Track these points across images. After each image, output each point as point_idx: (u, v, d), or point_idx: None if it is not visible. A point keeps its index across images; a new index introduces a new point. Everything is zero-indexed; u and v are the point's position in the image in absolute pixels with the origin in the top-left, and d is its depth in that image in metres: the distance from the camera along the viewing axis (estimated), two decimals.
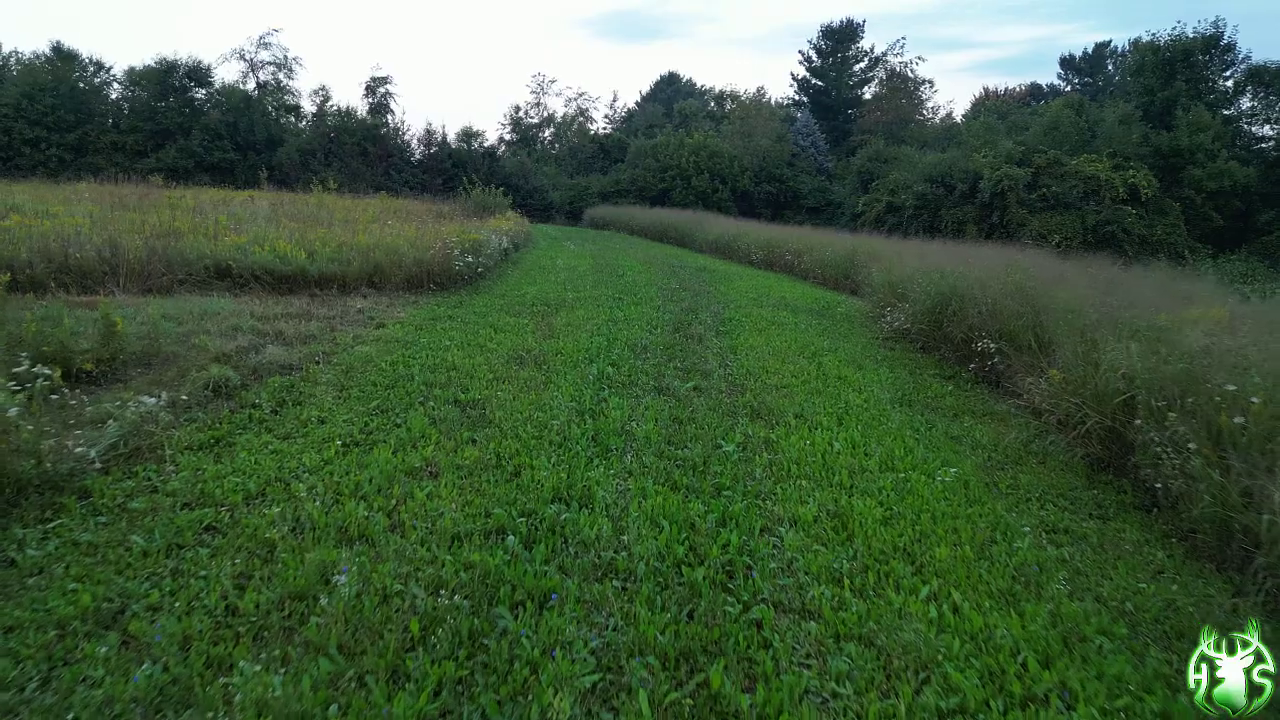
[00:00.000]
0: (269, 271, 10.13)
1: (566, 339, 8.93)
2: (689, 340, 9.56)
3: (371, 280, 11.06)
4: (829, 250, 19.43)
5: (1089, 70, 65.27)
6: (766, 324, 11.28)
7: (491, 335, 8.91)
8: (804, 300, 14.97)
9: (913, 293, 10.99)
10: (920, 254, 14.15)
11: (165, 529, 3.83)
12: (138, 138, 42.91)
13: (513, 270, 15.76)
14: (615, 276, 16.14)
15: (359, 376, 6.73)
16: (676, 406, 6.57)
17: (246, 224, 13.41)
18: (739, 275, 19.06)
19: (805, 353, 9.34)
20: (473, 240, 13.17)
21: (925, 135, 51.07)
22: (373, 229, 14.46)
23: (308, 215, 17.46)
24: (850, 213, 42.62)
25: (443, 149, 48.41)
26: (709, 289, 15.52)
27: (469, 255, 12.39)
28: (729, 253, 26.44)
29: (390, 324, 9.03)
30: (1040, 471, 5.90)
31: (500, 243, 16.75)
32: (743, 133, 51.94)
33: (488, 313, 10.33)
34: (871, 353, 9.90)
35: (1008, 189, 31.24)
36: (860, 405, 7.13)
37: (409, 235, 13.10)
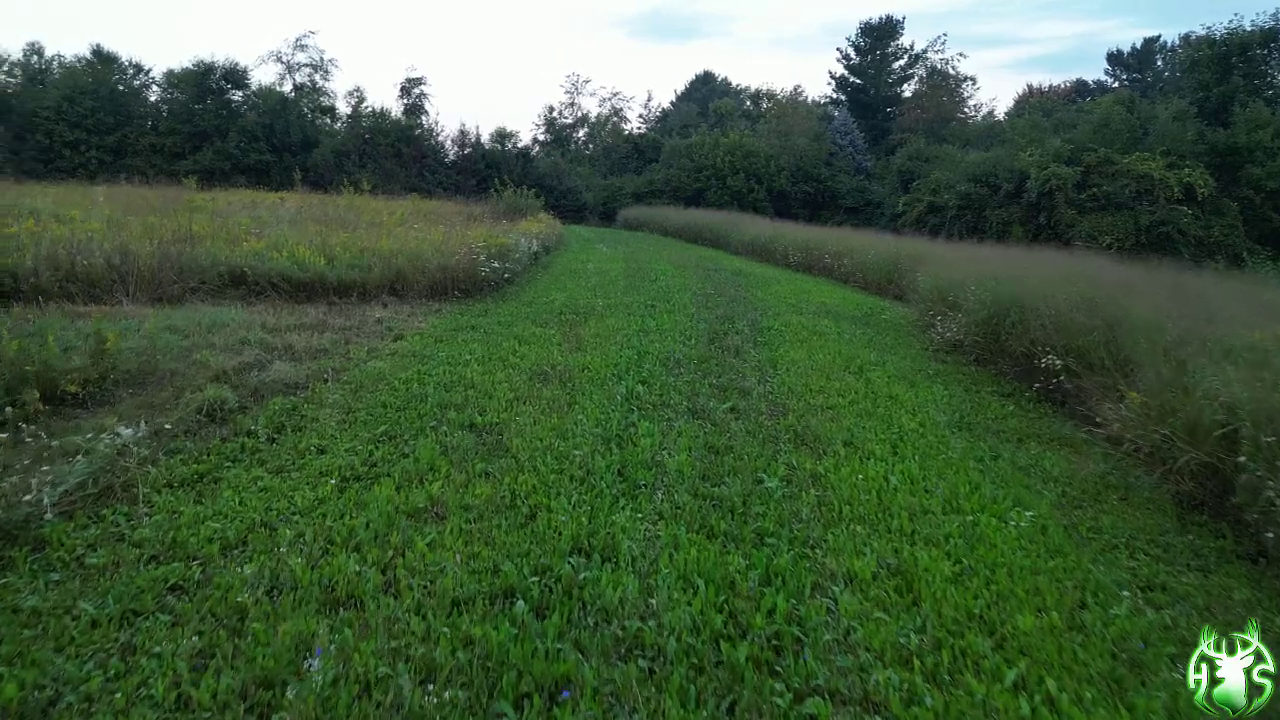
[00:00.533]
0: (286, 278, 9.70)
1: (594, 352, 8.38)
2: (725, 353, 8.95)
3: (393, 287, 10.60)
4: (870, 253, 18.68)
5: (1138, 66, 63.37)
6: (807, 334, 10.63)
7: (515, 348, 8.39)
8: (846, 306, 14.27)
9: (965, 301, 10.28)
10: (970, 258, 13.38)
11: (123, 590, 3.32)
12: (175, 140, 43.27)
13: (542, 275, 15.26)
14: (648, 281, 15.57)
15: (368, 397, 6.22)
16: (712, 432, 5.97)
17: (270, 227, 13.06)
18: (776, 279, 18.38)
19: (851, 367, 8.69)
20: (500, 245, 12.67)
21: (967, 134, 49.80)
22: (398, 233, 14.04)
23: (335, 218, 17.14)
24: (890, 213, 41.61)
25: (476, 150, 48.22)
26: (745, 294, 14.89)
27: (495, 261, 11.90)
28: (765, 255, 25.75)
29: (409, 335, 8.54)
30: (1124, 511, 5.21)
31: (530, 246, 16.26)
32: (779, 132, 51.09)
33: (513, 322, 9.81)
34: (922, 366, 9.21)
35: (1056, 188, 30.11)
36: (915, 430, 6.47)
37: (434, 240, 12.64)
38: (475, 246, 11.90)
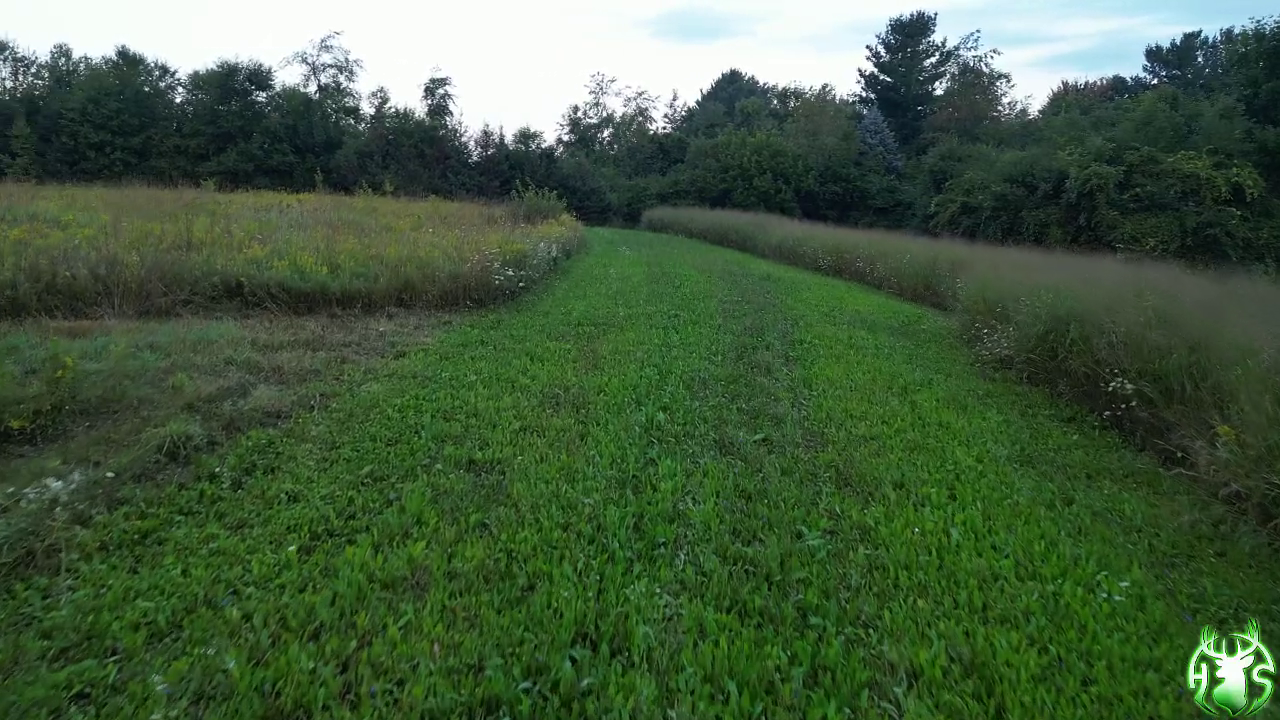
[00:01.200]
0: (286, 289, 9.10)
1: (612, 371, 7.68)
2: (755, 371, 8.22)
3: (401, 298, 9.97)
4: (905, 257, 17.82)
5: (1177, 63, 61.60)
6: (843, 347, 9.87)
7: (526, 366, 7.71)
8: (882, 315, 13.47)
9: (1017, 314, 9.46)
10: (1015, 264, 12.51)
11: (12, 702, 2.67)
12: (199, 141, 43.20)
13: (561, 281, 14.59)
14: (672, 288, 14.86)
15: (357, 428, 5.56)
16: (743, 471, 5.25)
17: (278, 232, 12.50)
18: (806, 284, 17.59)
19: (893, 387, 7.92)
20: (516, 251, 12.01)
21: (1001, 133, 48.54)
22: (412, 237, 13.45)
23: (349, 221, 16.61)
24: (922, 213, 40.54)
25: (500, 150, 47.76)
26: (774, 301, 14.14)
27: (510, 269, 11.24)
28: (794, 258, 24.95)
29: (412, 353, 7.89)
30: (1225, 572, 4.43)
31: (549, 251, 15.62)
32: (807, 131, 50.16)
33: (526, 336, 9.14)
34: (972, 386, 8.41)
35: (1097, 189, 28.96)
36: (973, 467, 5.70)
37: (447, 245, 12.02)
38: (489, 254, 11.25)
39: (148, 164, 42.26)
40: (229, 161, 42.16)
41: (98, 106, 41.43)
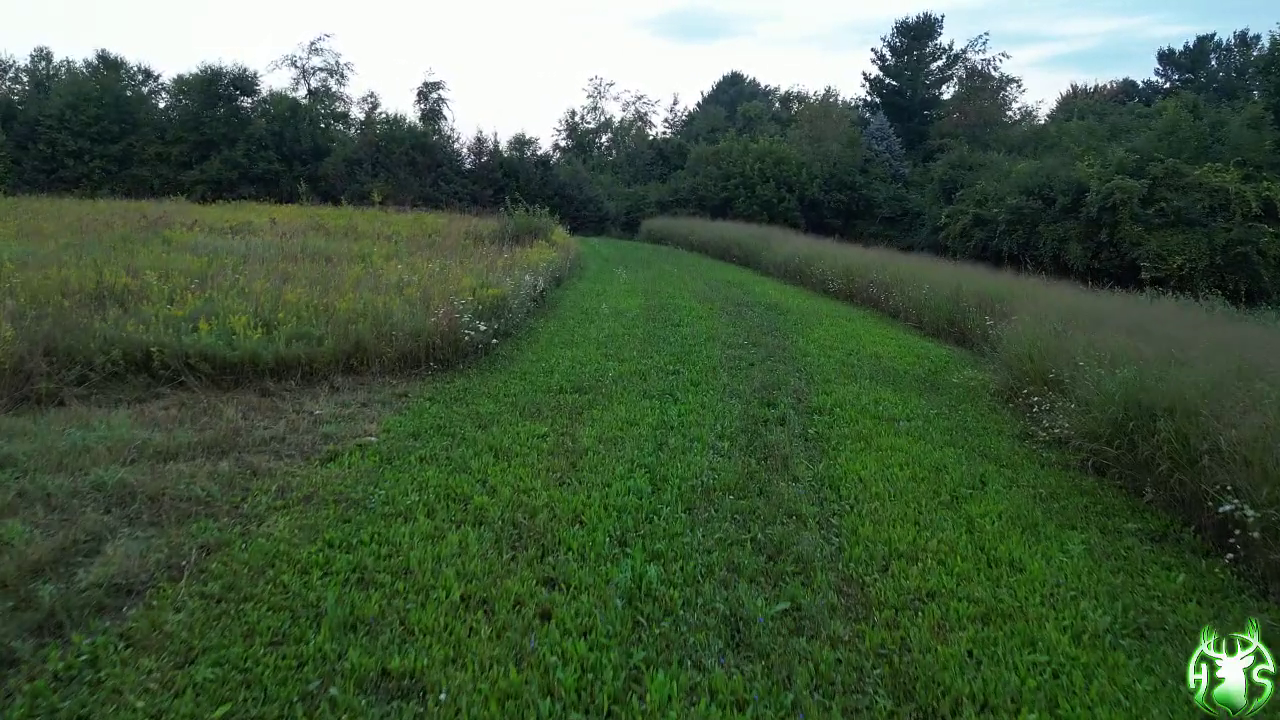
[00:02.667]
0: (209, 358, 7.60)
1: (594, 478, 6.16)
2: (770, 467, 6.73)
3: (350, 363, 8.47)
4: (924, 287, 16.30)
5: (1190, 66, 60.08)
6: (870, 420, 8.39)
7: (487, 470, 6.20)
8: (904, 361, 11.98)
9: (1077, 385, 7.97)
10: (1066, 310, 10.93)
11: None
12: (182, 149, 41.70)
13: (546, 323, 13.04)
14: (670, 327, 13.38)
15: (231, 618, 4.00)
16: (761, 680, 3.77)
17: (223, 274, 11.01)
18: (817, 316, 16.10)
19: (940, 491, 6.43)
20: (492, 297, 10.48)
21: (1012, 139, 47.06)
22: (378, 274, 11.97)
23: (317, 251, 15.11)
24: (932, 224, 39.09)
25: (494, 158, 46.25)
26: (785, 343, 12.66)
27: (483, 322, 9.71)
28: (800, 278, 23.49)
29: (347, 452, 6.36)
30: None
31: (535, 285, 14.14)
32: (811, 137, 48.69)
33: (495, 415, 7.62)
34: (1030, 480, 6.89)
35: (1120, 203, 27.45)
36: (1074, 658, 4.19)
37: (414, 289, 10.52)
38: (460, 302, 9.74)
39: (128, 172, 40.82)
40: (212, 170, 40.65)
41: (76, 112, 39.92)
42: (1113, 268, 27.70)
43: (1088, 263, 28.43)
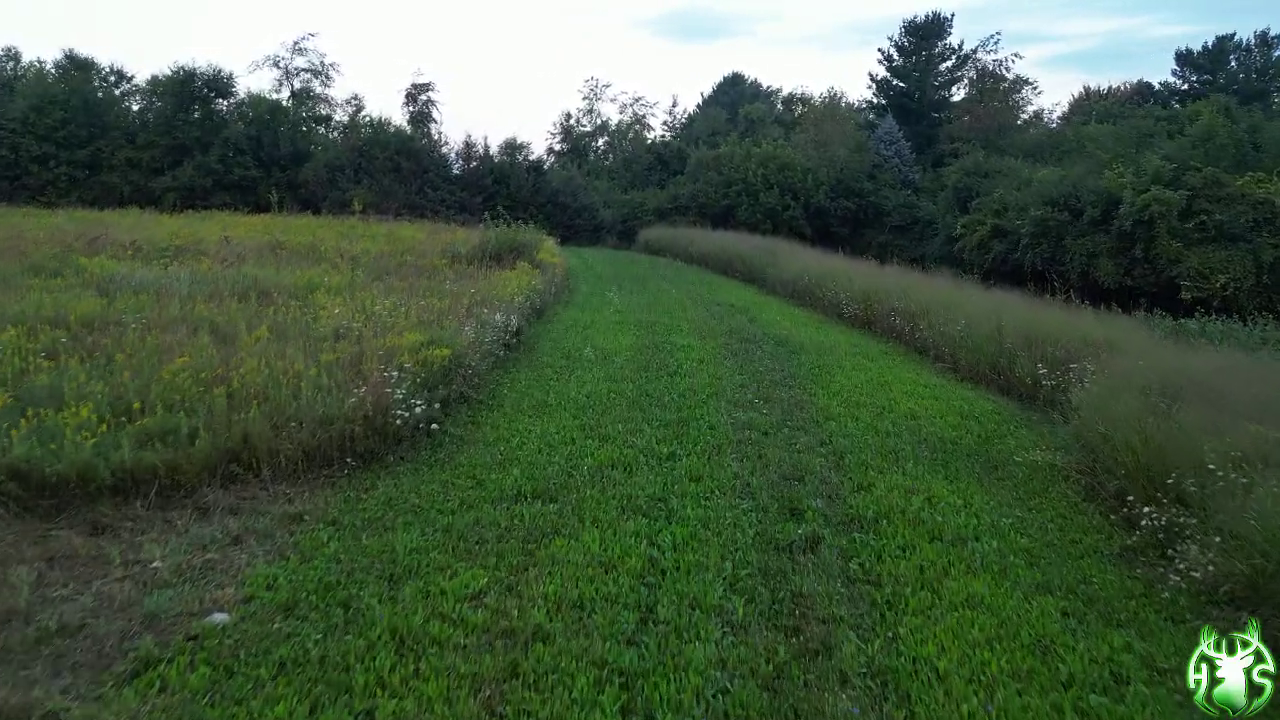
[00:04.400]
0: (19, 475, 5.45)
1: (537, 708, 4.00)
2: (804, 658, 4.56)
3: (233, 467, 6.31)
4: (960, 322, 14.13)
5: (1209, 67, 57.90)
6: (926, 539, 6.24)
7: (379, 687, 4.03)
8: (948, 424, 9.83)
9: (1220, 508, 5.82)
10: (1162, 372, 8.72)
11: None
12: (154, 154, 39.53)
13: (514, 379, 10.77)
14: (666, 377, 11.25)
15: None
16: None
17: (111, 327, 8.89)
18: (834, 353, 13.96)
19: (1063, 708, 4.27)
20: (439, 360, 8.29)
21: (1027, 144, 44.90)
22: (309, 321, 9.86)
23: (260, 284, 12.96)
24: (945, 235, 36.94)
25: (483, 163, 44.07)
26: (801, 399, 10.56)
27: (420, 400, 7.51)
28: (811, 300, 21.36)
29: (169, 658, 4.16)
30: None
31: (507, 323, 12.00)
32: (816, 141, 46.55)
33: (416, 561, 5.34)
34: (1176, 657, 4.75)
35: (1157, 216, 25.28)
36: None
37: (346, 347, 8.40)
38: (394, 373, 7.58)
39: (96, 179, 38.66)
40: (185, 177, 38.44)
41: (41, 115, 37.72)
42: (1148, 286, 25.56)
43: (1120, 280, 26.28)
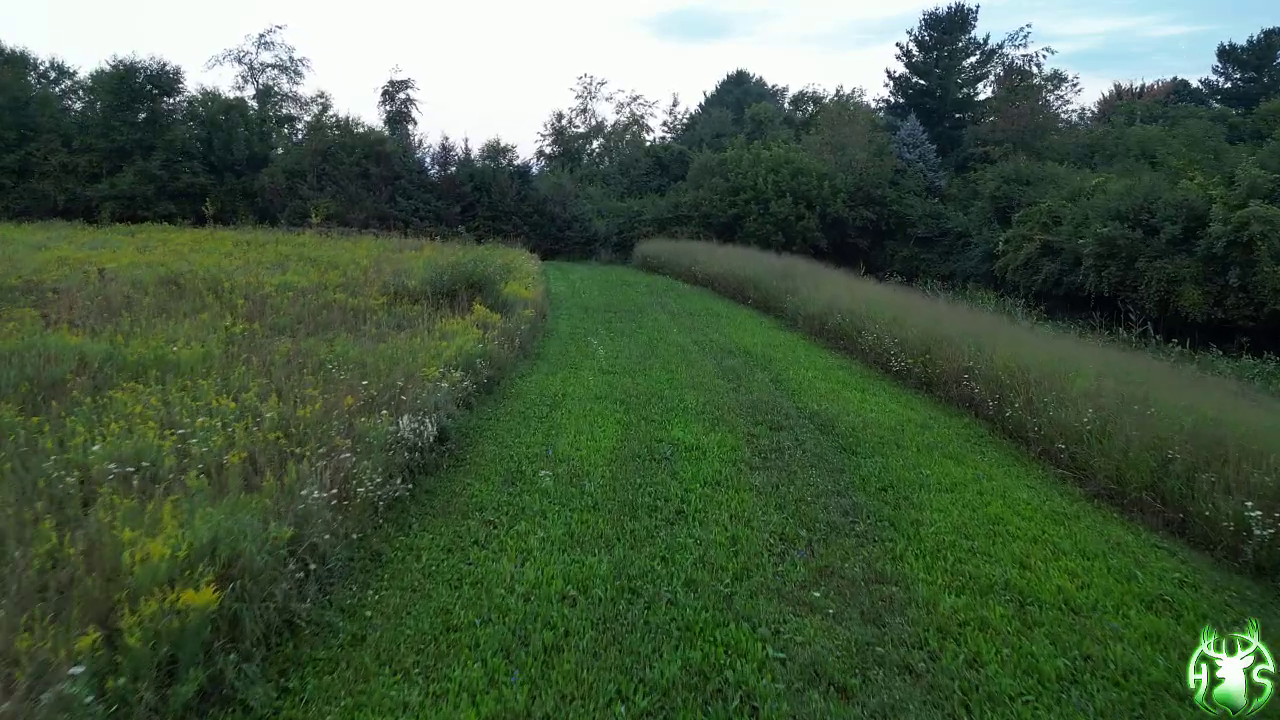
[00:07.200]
0: None
1: None
2: None
3: None
4: (1087, 409, 9.82)
5: (1255, 64, 53.69)
6: None
7: None
8: (1136, 639, 5.51)
9: None
10: None
11: None
12: (91, 158, 35.21)
13: (382, 583, 6.47)
14: (663, 525, 6.99)
15: None
16: None
17: None
18: (906, 454, 9.66)
19: None
20: (197, 613, 4.06)
21: (1063, 147, 40.58)
22: (142, 429, 5.66)
23: (64, 362, 8.74)
24: (984, 250, 32.62)
25: (462, 169, 39.69)
26: (883, 570, 6.31)
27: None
28: (848, 344, 17.10)
29: None
30: None
31: (416, 436, 7.77)
32: (832, 144, 42.19)
33: None
34: None
35: (1257, 236, 21.01)
36: None
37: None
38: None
39: (27, 186, 34.40)
40: (124, 184, 34.16)
41: None
42: (1245, 320, 21.29)
43: (1209, 312, 22.02)
